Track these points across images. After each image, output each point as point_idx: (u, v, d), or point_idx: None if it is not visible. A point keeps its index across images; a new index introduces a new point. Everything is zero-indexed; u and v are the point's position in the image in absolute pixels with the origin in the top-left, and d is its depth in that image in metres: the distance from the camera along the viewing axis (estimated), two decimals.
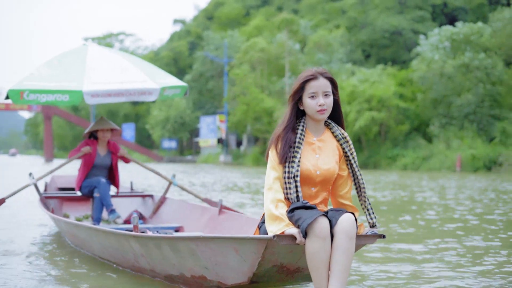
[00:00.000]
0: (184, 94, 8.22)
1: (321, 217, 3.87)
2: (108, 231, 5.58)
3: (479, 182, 21.90)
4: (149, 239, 4.92)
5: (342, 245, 3.88)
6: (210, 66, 69.51)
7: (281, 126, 4.25)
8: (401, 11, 61.34)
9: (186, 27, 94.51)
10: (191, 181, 22.30)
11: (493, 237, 7.92)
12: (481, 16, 56.30)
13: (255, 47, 52.79)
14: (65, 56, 8.07)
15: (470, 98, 39.65)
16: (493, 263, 6.13)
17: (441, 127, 40.89)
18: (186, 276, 4.74)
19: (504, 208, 11.93)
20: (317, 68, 4.25)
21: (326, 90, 4.17)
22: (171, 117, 70.93)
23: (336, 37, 54.56)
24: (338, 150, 4.30)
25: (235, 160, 57.10)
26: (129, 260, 5.55)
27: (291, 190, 4.13)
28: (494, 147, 36.75)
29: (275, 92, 52.35)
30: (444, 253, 6.64)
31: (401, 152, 41.23)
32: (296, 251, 4.09)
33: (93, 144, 8.06)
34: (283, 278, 4.34)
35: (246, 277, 4.17)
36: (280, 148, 4.17)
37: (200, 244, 4.32)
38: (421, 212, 11.27)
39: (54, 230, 8.62)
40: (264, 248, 3.91)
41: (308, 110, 4.21)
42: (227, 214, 6.87)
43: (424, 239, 7.69)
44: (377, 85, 42.35)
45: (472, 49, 41.34)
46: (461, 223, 9.50)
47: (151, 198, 8.93)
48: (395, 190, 17.63)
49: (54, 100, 7.28)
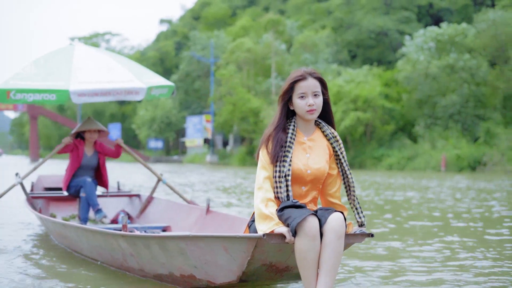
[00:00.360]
0: (171, 93, 8.20)
1: (311, 216, 3.90)
2: (97, 230, 5.56)
3: (460, 183, 22.12)
4: (138, 238, 4.90)
5: (331, 244, 3.91)
6: (197, 66, 69.51)
7: (272, 126, 4.28)
8: (387, 12, 61.61)
9: (172, 27, 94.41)
10: (177, 181, 22.33)
11: (470, 235, 8.08)
12: (466, 17, 56.63)
13: (242, 47, 52.88)
14: (51, 56, 8.06)
15: (455, 99, 39.93)
16: (468, 257, 6.30)
17: (426, 127, 41.13)
18: (175, 275, 4.74)
19: (482, 207, 12.11)
20: (306, 68, 4.28)
21: (315, 90, 4.21)
22: (158, 117, 70.86)
23: (322, 37, 54.71)
24: (328, 149, 4.34)
25: (221, 160, 57.14)
26: (118, 260, 5.53)
27: (282, 189, 4.15)
28: (479, 147, 37.02)
29: (261, 92, 52.46)
30: (421, 249, 6.81)
31: (386, 152, 41.44)
32: (285, 250, 4.10)
33: (80, 144, 8.05)
34: (272, 276, 4.37)
35: (235, 275, 4.18)
36: (272, 148, 4.20)
37: (189, 243, 4.32)
38: (400, 210, 11.42)
39: (40, 230, 8.59)
40: (254, 247, 3.93)
41: (298, 110, 4.24)
42: (215, 213, 6.88)
43: (404, 236, 7.84)
44: (363, 85, 42.52)
45: (457, 50, 41.64)
46: (439, 221, 9.66)
47: (138, 198, 8.91)
48: (378, 190, 17.78)
49: (41, 100, 7.25)
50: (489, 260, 6.18)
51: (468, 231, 8.49)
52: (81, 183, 7.92)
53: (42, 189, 9.63)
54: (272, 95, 50.85)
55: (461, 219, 9.94)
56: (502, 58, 41.52)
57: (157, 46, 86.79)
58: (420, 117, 42.01)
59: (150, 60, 79.71)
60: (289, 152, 4.18)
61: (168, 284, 4.94)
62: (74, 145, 8.01)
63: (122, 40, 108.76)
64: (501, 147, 35.99)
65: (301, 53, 53.28)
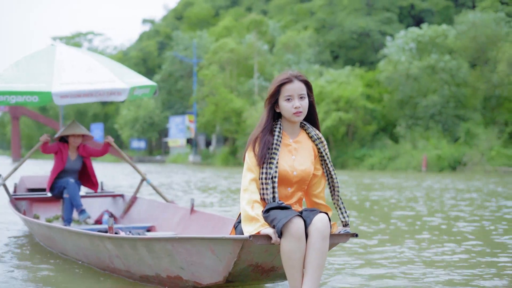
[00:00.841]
0: (154, 93, 8.25)
1: (296, 217, 3.97)
2: (82, 232, 5.57)
3: (438, 182, 22.36)
4: (124, 240, 4.93)
5: (316, 245, 3.97)
6: (179, 66, 69.40)
7: (258, 128, 4.34)
8: (369, 13, 61.83)
9: (155, 27, 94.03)
10: (160, 181, 22.39)
11: (440, 232, 8.27)
12: (447, 18, 56.98)
13: (225, 48, 52.86)
14: (33, 57, 8.06)
15: (436, 99, 40.27)
16: (437, 253, 6.50)
17: (407, 127, 41.42)
18: (161, 276, 4.77)
19: (457, 207, 12.32)
20: (291, 71, 4.35)
21: (301, 93, 4.28)
22: (140, 117, 70.64)
23: (304, 38, 54.86)
24: (313, 151, 4.40)
25: (204, 160, 57.14)
26: (104, 261, 5.55)
27: (268, 191, 4.21)
28: (459, 147, 37.40)
29: (244, 93, 52.48)
30: (394, 248, 6.98)
31: (368, 152, 41.68)
32: (271, 251, 4.17)
33: (65, 148, 8.06)
34: (258, 277, 4.42)
35: (221, 276, 4.24)
36: (259, 150, 4.25)
37: (176, 245, 4.37)
38: (376, 210, 11.59)
39: (24, 231, 8.60)
40: (240, 248, 3.99)
41: (285, 112, 4.30)
42: (199, 213, 6.93)
43: (377, 234, 8.01)
44: (345, 86, 42.69)
45: (437, 51, 41.98)
46: (412, 219, 9.86)
47: (121, 198, 8.95)
48: (358, 190, 17.96)
49: (23, 101, 7.25)
50: (459, 254, 6.37)
51: (439, 229, 8.71)
52: (64, 184, 7.93)
53: (25, 190, 9.63)
54: (254, 95, 50.90)
55: (434, 218, 10.14)
56: (482, 59, 41.89)
57: (139, 46, 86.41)
58: (401, 118, 42.28)
59: (133, 60, 79.42)
60: (275, 154, 4.24)
61: (154, 285, 4.97)
62: (58, 148, 8.02)
63: (104, 40, 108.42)
64: (481, 147, 36.37)
65: (283, 53, 53.39)
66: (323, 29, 62.49)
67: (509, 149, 35.76)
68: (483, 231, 8.58)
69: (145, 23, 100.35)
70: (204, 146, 64.35)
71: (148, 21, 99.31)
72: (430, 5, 61.36)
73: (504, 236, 8.01)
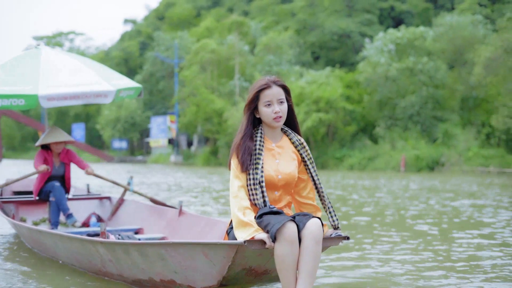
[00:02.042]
0: (138, 95, 8.26)
1: (289, 222, 4.03)
2: (74, 237, 5.57)
3: (414, 182, 22.70)
4: (116, 244, 4.94)
5: (310, 248, 4.03)
6: (161, 67, 69.47)
7: (239, 135, 4.39)
8: (349, 14, 62.23)
9: (136, 27, 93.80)
10: (142, 181, 22.52)
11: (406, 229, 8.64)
12: (427, 19, 57.53)
13: (206, 48, 53.00)
14: (18, 60, 8.02)
15: (414, 100, 40.79)
16: (403, 248, 6.85)
17: (387, 128, 41.85)
18: (155, 280, 4.80)
19: (425, 204, 12.68)
20: (269, 76, 4.41)
21: (280, 98, 4.34)
22: (122, 117, 70.55)
23: (285, 39, 55.18)
24: (296, 155, 4.46)
25: (185, 160, 57.29)
26: (96, 265, 5.55)
27: (258, 196, 4.26)
28: (437, 147, 37.91)
29: (225, 94, 52.69)
30: (362, 246, 7.34)
31: (348, 152, 42.05)
32: (265, 254, 4.23)
33: (49, 155, 8.05)
34: (251, 280, 4.47)
35: (215, 280, 4.29)
36: (240, 157, 4.30)
37: (169, 250, 4.41)
38: (347, 208, 11.94)
39: (11, 234, 8.60)
40: (235, 252, 4.03)
41: (265, 118, 4.37)
42: (187, 215, 6.92)
43: (348, 230, 8.36)
44: (325, 87, 42.95)
45: (416, 53, 42.48)
46: (379, 217, 10.22)
47: (108, 200, 8.93)
48: (335, 190, 18.28)
49: (9, 105, 7.19)
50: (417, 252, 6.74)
51: (404, 226, 9.10)
52: (49, 187, 7.94)
53: (11, 193, 9.54)
54: (235, 96, 51.15)
55: (403, 216, 10.50)
56: (460, 61, 42.48)
57: (121, 46, 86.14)
58: (381, 119, 42.71)
59: (115, 60, 79.23)
60: (259, 159, 4.31)
61: None
62: (44, 157, 7.99)
63: (86, 39, 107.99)
64: (458, 147, 36.93)
65: (264, 54, 53.73)
66: (304, 30, 62.77)
67: (486, 150, 36.30)
68: (431, 229, 8.95)
69: (126, 23, 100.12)
70: (185, 146, 64.46)
71: (130, 21, 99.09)
72: (410, 7, 61.92)
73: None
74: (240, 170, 4.30)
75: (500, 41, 34.39)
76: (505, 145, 36.28)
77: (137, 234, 7.34)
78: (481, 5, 53.33)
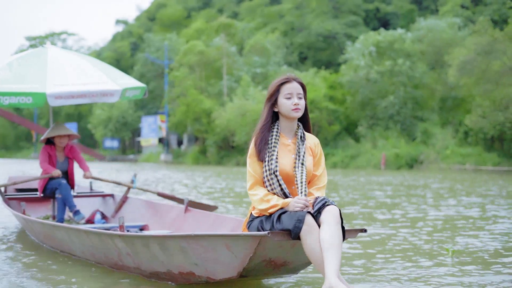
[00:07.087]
0: (143, 95, 8.26)
1: (306, 216, 4.14)
2: (92, 231, 5.56)
3: (395, 179, 23.64)
4: (137, 238, 4.94)
5: (331, 227, 4.10)
6: (151, 68, 70.07)
7: (258, 125, 4.56)
8: (335, 16, 63.00)
9: (128, 27, 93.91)
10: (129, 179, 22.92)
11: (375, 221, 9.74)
12: (412, 21, 58.35)
13: (194, 50, 53.71)
14: (25, 58, 8.02)
15: (394, 101, 41.92)
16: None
17: (368, 127, 42.95)
18: (173, 272, 4.81)
19: (402, 199, 13.65)
20: (290, 74, 4.60)
21: (299, 93, 4.51)
22: (114, 117, 70.94)
23: (272, 40, 55.99)
24: (311, 151, 4.61)
25: (175, 159, 57.98)
26: (112, 259, 5.54)
27: (275, 185, 4.41)
28: (416, 146, 38.99)
29: (214, 94, 53.50)
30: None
31: (331, 151, 42.78)
32: (285, 246, 4.28)
33: (52, 151, 7.97)
34: (270, 271, 4.50)
35: (236, 271, 4.32)
36: (258, 144, 4.49)
37: (191, 242, 4.42)
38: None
39: (16, 229, 8.61)
40: (257, 244, 4.08)
41: (284, 109, 4.50)
42: (194, 212, 6.89)
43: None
44: (310, 87, 43.76)
45: (396, 54, 43.58)
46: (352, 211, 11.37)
47: (111, 198, 8.84)
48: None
49: (17, 103, 7.24)
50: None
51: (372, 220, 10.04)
52: (55, 184, 7.84)
53: (14, 191, 9.41)
54: (223, 96, 52.01)
55: (384, 210, 11.41)
56: (439, 63, 43.68)
57: (113, 46, 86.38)
58: (363, 118, 43.80)
59: (106, 61, 79.27)
60: (274, 150, 4.44)
61: (164, 281, 5.05)
62: (48, 153, 7.96)
63: (78, 40, 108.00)
64: (436, 146, 37.98)
65: (252, 55, 54.59)
66: (292, 31, 63.50)
67: (463, 148, 37.27)
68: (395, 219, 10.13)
69: (118, 23, 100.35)
70: (176, 146, 65.10)
71: (122, 21, 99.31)
72: (395, 9, 62.82)
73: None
74: (257, 158, 4.49)
75: (474, 44, 35.50)
76: (482, 144, 37.12)
77: (142, 231, 7.25)
78: (463, 7, 54.47)
